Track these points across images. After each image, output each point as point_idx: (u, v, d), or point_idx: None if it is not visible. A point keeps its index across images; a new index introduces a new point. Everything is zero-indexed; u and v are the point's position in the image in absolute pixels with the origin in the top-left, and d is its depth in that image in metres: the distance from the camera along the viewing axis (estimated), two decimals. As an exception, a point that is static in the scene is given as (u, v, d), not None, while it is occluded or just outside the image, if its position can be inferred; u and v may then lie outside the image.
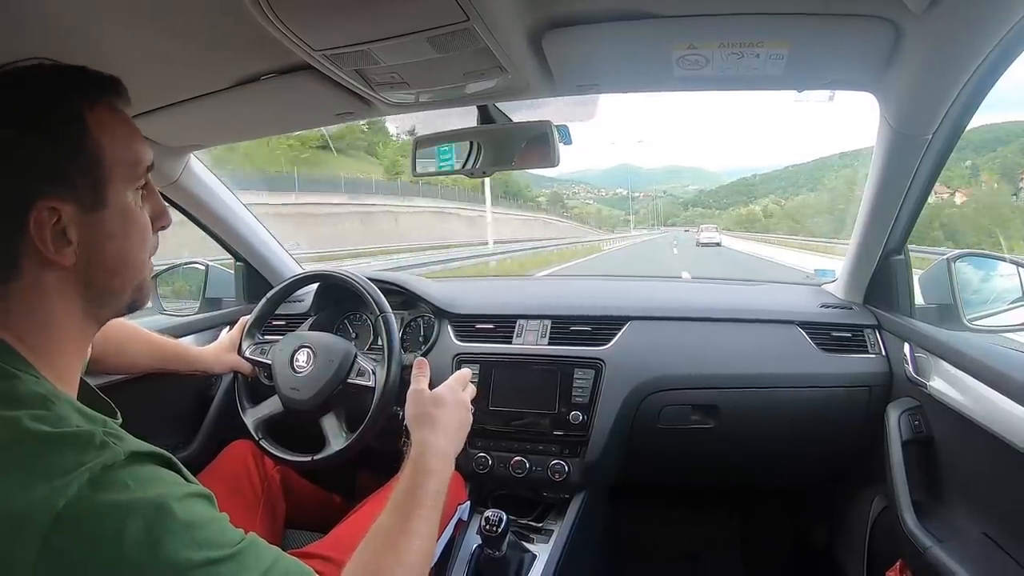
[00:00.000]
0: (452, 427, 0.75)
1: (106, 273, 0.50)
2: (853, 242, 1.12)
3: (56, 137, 0.46)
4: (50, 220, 0.45)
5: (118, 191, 0.49)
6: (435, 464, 0.68)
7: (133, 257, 0.51)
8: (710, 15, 0.64)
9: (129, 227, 0.50)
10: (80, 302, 0.49)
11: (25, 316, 0.46)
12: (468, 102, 0.89)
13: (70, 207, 0.46)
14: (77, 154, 0.47)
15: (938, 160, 0.88)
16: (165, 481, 0.42)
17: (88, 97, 0.48)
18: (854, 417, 1.09)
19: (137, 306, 0.54)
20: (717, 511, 1.52)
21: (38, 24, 0.59)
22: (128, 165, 0.50)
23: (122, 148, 0.49)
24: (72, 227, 0.46)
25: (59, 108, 0.47)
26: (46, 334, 0.47)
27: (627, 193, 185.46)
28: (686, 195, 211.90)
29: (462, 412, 0.78)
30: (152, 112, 0.89)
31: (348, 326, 1.36)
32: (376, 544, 0.57)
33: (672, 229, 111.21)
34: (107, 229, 0.49)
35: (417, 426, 0.73)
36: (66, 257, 0.46)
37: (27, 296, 0.46)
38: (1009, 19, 0.60)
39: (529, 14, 0.64)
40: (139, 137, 0.52)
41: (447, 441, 0.72)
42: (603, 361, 1.12)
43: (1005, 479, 0.75)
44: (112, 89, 0.51)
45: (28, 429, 0.40)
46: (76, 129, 0.47)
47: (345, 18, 0.60)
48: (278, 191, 14.05)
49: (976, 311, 1.03)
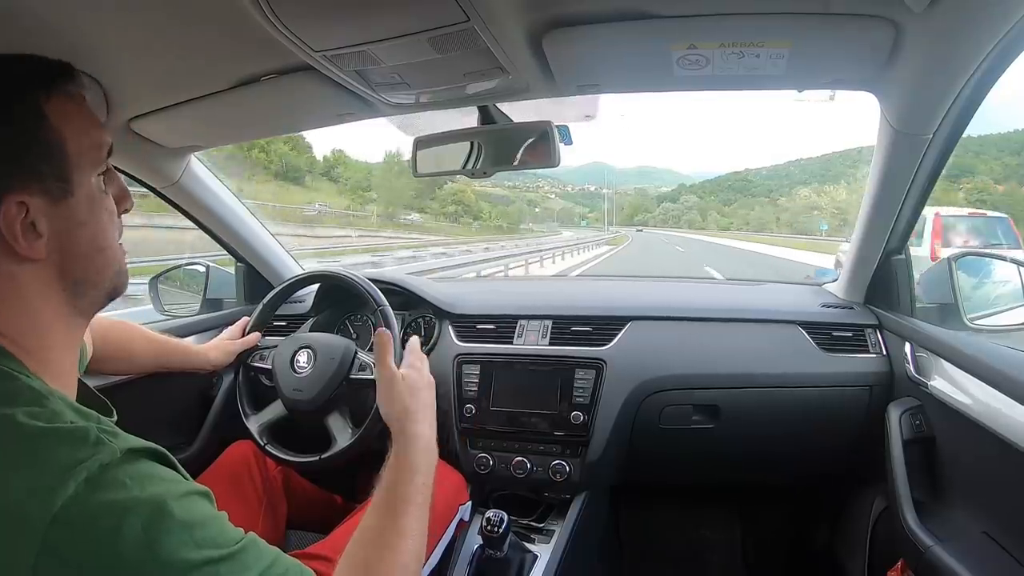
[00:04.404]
0: (428, 411, 0.72)
1: (80, 261, 0.49)
2: (854, 242, 1.12)
3: (16, 131, 0.45)
4: (19, 215, 0.44)
5: (83, 178, 0.49)
6: (421, 456, 0.66)
7: (104, 242, 0.51)
8: (711, 15, 0.64)
9: (98, 212, 0.50)
10: (59, 294, 0.49)
11: (7, 315, 0.46)
12: (469, 103, 0.89)
13: (38, 199, 0.45)
14: (39, 145, 0.46)
15: (939, 159, 0.88)
16: (164, 479, 0.42)
17: (43, 86, 0.47)
18: (855, 417, 1.09)
19: (117, 292, 0.54)
20: (718, 511, 1.52)
21: (36, 25, 0.59)
22: (90, 150, 0.49)
23: (82, 134, 0.49)
24: (41, 219, 0.46)
25: (15, 101, 0.46)
26: (32, 332, 0.47)
27: (596, 189, 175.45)
28: (660, 193, 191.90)
29: (431, 392, 0.75)
30: (152, 113, 0.89)
31: (349, 326, 1.36)
32: (367, 544, 0.57)
33: (629, 230, 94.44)
34: (77, 217, 0.48)
35: (395, 418, 0.69)
36: (38, 250, 0.46)
37: (5, 295, 0.46)
38: (1009, 18, 0.60)
39: (529, 14, 0.64)
40: (96, 121, 0.51)
41: (428, 427, 0.70)
42: (604, 361, 1.12)
43: (1006, 479, 0.75)
44: (65, 75, 0.50)
45: (23, 424, 0.40)
46: (35, 120, 0.46)
47: (345, 19, 0.60)
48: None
49: (977, 311, 1.03)
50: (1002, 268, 1.12)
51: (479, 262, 12.28)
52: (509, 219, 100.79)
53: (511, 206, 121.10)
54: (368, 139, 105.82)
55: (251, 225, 1.35)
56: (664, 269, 16.86)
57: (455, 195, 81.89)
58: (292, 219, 32.35)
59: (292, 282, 1.17)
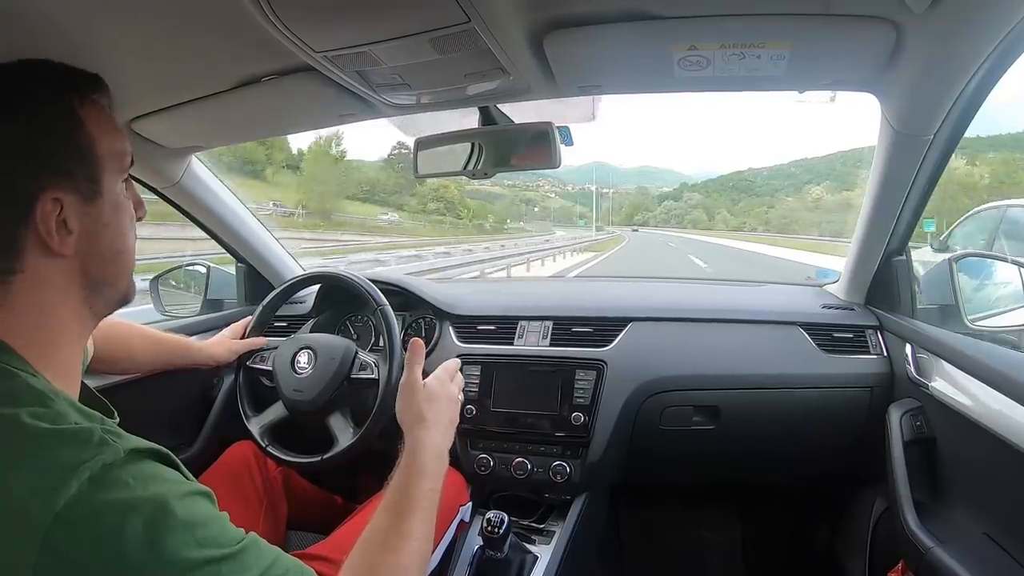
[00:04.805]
0: (444, 422, 0.73)
1: (103, 261, 0.52)
2: (854, 243, 1.12)
3: (55, 132, 0.48)
4: (54, 211, 0.47)
5: (110, 182, 0.52)
6: (431, 463, 0.67)
7: (123, 245, 0.54)
8: (711, 16, 0.64)
9: (121, 216, 0.53)
10: (79, 292, 0.50)
11: (24, 313, 0.47)
12: (469, 103, 0.89)
13: (71, 197, 0.48)
14: (75, 147, 0.49)
15: (939, 160, 0.88)
16: (166, 479, 0.42)
17: (78, 93, 0.51)
18: (856, 418, 1.09)
19: (129, 298, 0.56)
20: (719, 512, 1.52)
21: (37, 26, 0.59)
22: (116, 157, 0.53)
23: (110, 141, 0.52)
24: (73, 217, 0.48)
25: (55, 104, 0.49)
26: (45, 330, 0.48)
27: (596, 189, 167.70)
28: (662, 192, 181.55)
29: (452, 406, 0.76)
30: (154, 114, 0.89)
31: (349, 327, 1.36)
32: (373, 546, 0.57)
33: (625, 230, 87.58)
34: (103, 218, 0.51)
35: (410, 424, 0.71)
36: (68, 247, 0.48)
37: (28, 290, 0.47)
38: (1010, 19, 0.60)
39: (530, 15, 0.64)
40: (121, 132, 0.54)
41: (441, 437, 0.71)
42: (604, 362, 1.12)
43: (1007, 480, 0.75)
44: (96, 85, 0.53)
45: (27, 425, 0.40)
46: (72, 123, 0.49)
47: (346, 20, 0.60)
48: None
49: (978, 312, 1.03)
50: (1003, 269, 1.12)
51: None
52: (496, 217, 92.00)
53: (496, 203, 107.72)
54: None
55: (252, 226, 1.35)
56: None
57: (436, 191, 72.94)
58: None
59: (292, 283, 1.17)
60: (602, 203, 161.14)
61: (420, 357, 0.75)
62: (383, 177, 73.97)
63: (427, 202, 75.25)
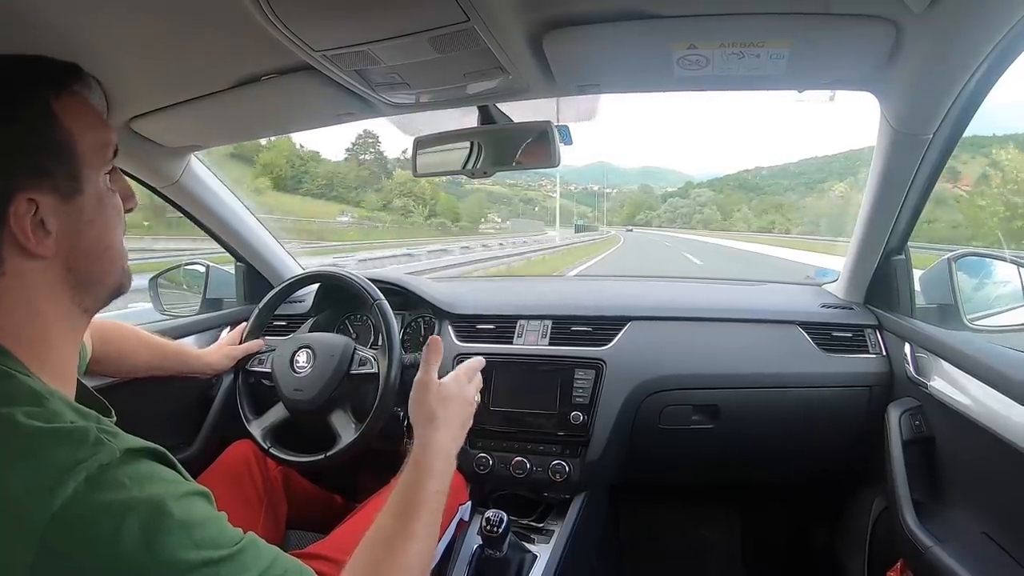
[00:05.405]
0: (455, 424, 0.72)
1: (88, 258, 0.50)
2: (854, 242, 1.12)
3: (26, 130, 0.46)
4: (29, 211, 0.45)
5: (91, 176, 0.50)
6: (438, 464, 0.66)
7: (110, 240, 0.52)
8: (711, 15, 0.64)
9: (105, 210, 0.51)
10: (66, 292, 0.49)
11: (11, 313, 0.46)
12: (469, 103, 0.89)
13: (48, 197, 0.46)
14: (50, 144, 0.47)
15: (939, 159, 0.88)
16: (163, 479, 0.42)
17: (52, 86, 0.48)
18: (855, 417, 1.09)
19: (122, 291, 0.55)
20: (718, 511, 1.52)
21: (37, 24, 0.59)
22: (97, 149, 0.50)
23: (90, 133, 0.50)
24: (51, 216, 0.46)
25: (26, 99, 0.47)
26: (34, 330, 0.47)
27: (599, 189, 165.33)
28: (666, 192, 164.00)
29: (466, 408, 0.75)
30: (153, 113, 0.89)
31: (348, 326, 1.36)
32: (376, 545, 0.57)
33: (620, 230, 77.72)
34: (85, 215, 0.49)
35: (420, 423, 0.70)
36: (47, 247, 0.47)
37: (11, 292, 0.46)
38: (1009, 19, 0.60)
39: (529, 14, 0.64)
40: (103, 120, 0.52)
41: (450, 439, 0.70)
42: (604, 361, 1.12)
43: (1005, 479, 0.75)
44: (73, 75, 0.51)
45: (22, 424, 0.40)
46: (46, 119, 0.47)
47: (345, 19, 0.60)
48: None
49: (977, 311, 1.03)
50: (1002, 268, 1.11)
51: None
52: (469, 215, 77.40)
53: (466, 199, 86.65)
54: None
55: (251, 225, 1.35)
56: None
57: (404, 185, 61.96)
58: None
59: (289, 283, 1.17)
60: (603, 203, 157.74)
61: (437, 355, 0.74)
62: (343, 170, 65.18)
63: (392, 197, 63.78)
